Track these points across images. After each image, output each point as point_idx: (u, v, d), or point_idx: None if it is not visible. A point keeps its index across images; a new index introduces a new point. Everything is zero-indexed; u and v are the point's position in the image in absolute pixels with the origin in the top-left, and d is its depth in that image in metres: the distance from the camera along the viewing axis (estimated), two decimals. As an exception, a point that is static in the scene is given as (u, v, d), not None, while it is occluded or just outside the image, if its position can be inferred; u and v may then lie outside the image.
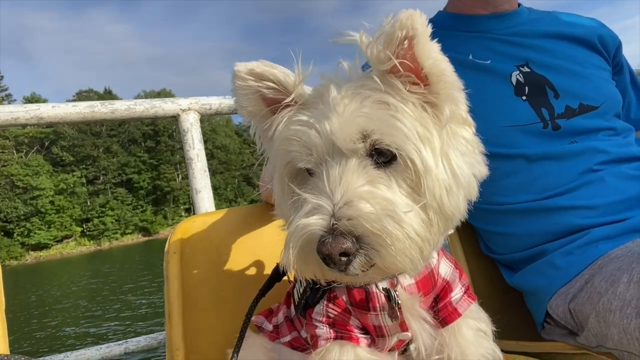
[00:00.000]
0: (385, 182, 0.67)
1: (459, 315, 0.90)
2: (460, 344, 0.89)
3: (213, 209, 1.56)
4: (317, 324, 0.85)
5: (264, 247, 1.33)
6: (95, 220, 77.12)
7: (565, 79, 1.33)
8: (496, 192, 1.29)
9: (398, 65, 0.66)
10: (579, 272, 1.12)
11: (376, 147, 0.67)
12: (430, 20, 1.52)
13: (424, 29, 0.64)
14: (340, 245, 0.61)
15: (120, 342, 1.46)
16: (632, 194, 1.18)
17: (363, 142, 0.67)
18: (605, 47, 1.44)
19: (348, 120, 0.67)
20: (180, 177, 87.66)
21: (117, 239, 77.16)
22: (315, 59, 0.78)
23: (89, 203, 78.21)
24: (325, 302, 0.86)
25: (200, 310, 1.22)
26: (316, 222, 0.63)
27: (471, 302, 0.93)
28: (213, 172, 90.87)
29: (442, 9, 1.54)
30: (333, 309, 0.86)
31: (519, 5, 1.50)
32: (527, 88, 1.31)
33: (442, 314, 0.90)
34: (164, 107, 1.60)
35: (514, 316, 1.36)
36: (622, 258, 1.03)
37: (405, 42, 0.65)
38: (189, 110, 1.62)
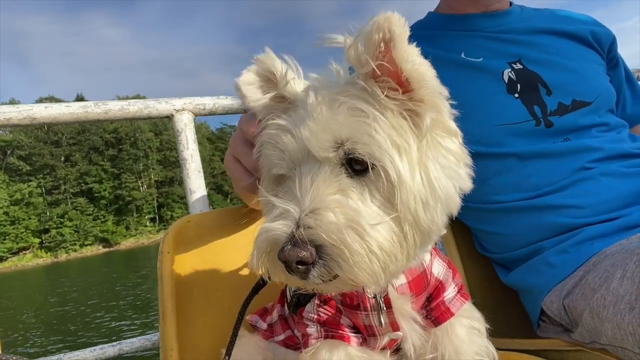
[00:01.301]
0: (357, 191, 0.65)
1: (452, 314, 0.89)
2: (454, 342, 0.88)
3: (207, 209, 1.55)
4: (308, 322, 0.85)
5: (258, 246, 1.32)
6: (53, 232, 75.76)
7: (558, 74, 1.33)
8: (489, 191, 1.29)
9: (375, 68, 0.64)
10: (574, 269, 1.12)
11: (350, 155, 0.65)
12: (421, 22, 1.54)
13: (402, 32, 0.62)
14: (296, 253, 0.60)
15: (114, 343, 1.46)
16: (625, 192, 1.18)
17: (335, 150, 0.65)
18: (599, 42, 1.45)
19: (322, 127, 0.65)
20: (144, 186, 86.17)
21: (75, 250, 75.46)
22: (312, 62, 0.77)
23: (48, 213, 76.94)
24: (316, 301, 0.86)
25: (194, 310, 1.21)
26: (279, 228, 0.62)
27: (464, 302, 0.92)
28: (179, 181, 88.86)
29: (432, 10, 1.55)
30: (324, 308, 0.85)
31: (511, 4, 1.51)
32: (519, 85, 1.31)
33: (435, 313, 0.89)
34: (157, 107, 1.59)
35: (509, 315, 1.36)
36: (616, 255, 1.03)
37: (382, 45, 0.63)
38: (182, 111, 1.61)
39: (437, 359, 0.88)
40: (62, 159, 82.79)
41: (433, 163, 0.67)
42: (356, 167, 0.66)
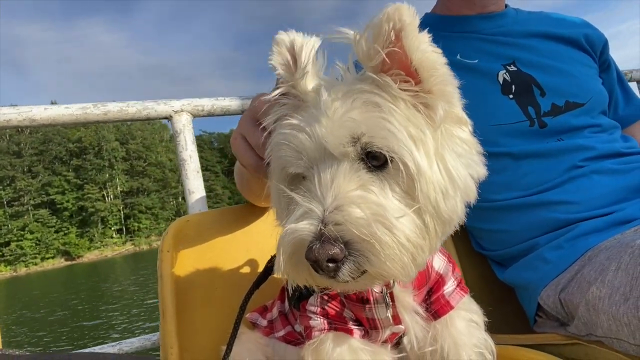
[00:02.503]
0: (378, 186, 0.65)
1: (451, 308, 0.91)
2: (453, 334, 0.89)
3: (206, 209, 1.57)
4: (311, 315, 0.86)
5: (257, 245, 1.34)
6: (13, 245, 73.54)
7: (552, 77, 1.36)
8: (485, 190, 1.30)
9: (386, 57, 0.64)
10: (570, 264, 1.14)
11: (367, 150, 0.65)
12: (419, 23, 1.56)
13: (412, 20, 0.62)
14: (327, 251, 0.59)
15: (114, 343, 1.45)
16: (617, 188, 1.21)
17: (353, 145, 0.65)
18: (591, 45, 1.47)
19: (338, 123, 0.65)
20: (111, 196, 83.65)
21: (36, 264, 72.88)
22: None
23: (8, 226, 74.77)
24: (319, 294, 0.86)
25: (194, 308, 1.22)
26: (304, 228, 0.61)
27: (463, 295, 0.94)
28: (147, 192, 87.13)
29: (429, 11, 1.58)
30: (327, 301, 0.86)
31: (506, 6, 1.53)
32: (513, 87, 1.34)
33: (435, 306, 0.90)
34: (156, 108, 1.60)
35: (506, 312, 1.38)
36: (610, 249, 1.05)
37: (393, 34, 0.63)
38: (181, 112, 1.62)
39: (437, 351, 0.89)
40: (25, 169, 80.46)
41: (449, 153, 0.68)
42: (374, 162, 0.66)
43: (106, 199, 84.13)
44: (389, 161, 0.65)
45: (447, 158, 0.67)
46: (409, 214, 0.64)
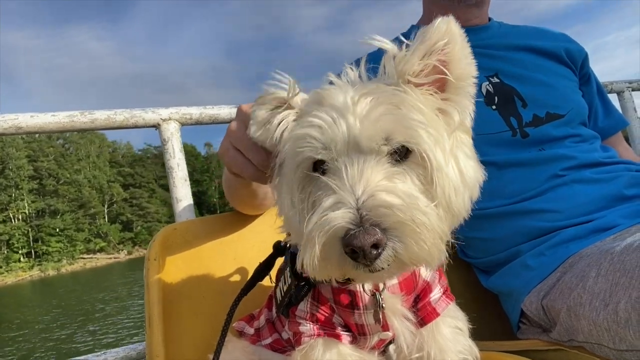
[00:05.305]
0: (402, 178, 0.68)
1: (437, 315, 0.92)
2: (439, 341, 0.91)
3: (193, 217, 1.56)
4: (301, 321, 0.86)
5: (244, 253, 1.34)
6: None
7: (533, 88, 1.39)
8: None
9: (448, 74, 0.71)
10: (552, 271, 1.16)
11: (396, 147, 0.68)
12: (404, 34, 1.58)
13: (461, 32, 0.70)
14: (373, 236, 0.59)
15: (99, 353, 1.43)
16: (597, 197, 1.24)
17: (385, 145, 0.67)
18: (571, 58, 1.52)
19: (370, 122, 0.67)
20: (19, 218, 77.01)
21: None
22: (298, 76, 0.78)
23: None
24: (309, 300, 0.87)
25: (180, 316, 1.22)
26: (342, 215, 0.61)
27: (449, 303, 0.96)
28: (60, 213, 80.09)
29: (414, 24, 1.61)
30: (317, 307, 0.87)
31: (490, 19, 1.57)
32: (496, 98, 1.37)
33: (421, 313, 0.92)
34: (144, 116, 1.59)
35: (490, 320, 1.40)
36: (591, 256, 1.08)
37: (444, 46, 0.70)
38: (169, 120, 1.62)
39: (423, 358, 0.91)
40: None
41: (461, 154, 0.74)
42: (396, 155, 0.69)
43: (13, 220, 76.85)
44: (416, 155, 0.69)
45: (459, 158, 0.73)
46: (431, 204, 0.67)
